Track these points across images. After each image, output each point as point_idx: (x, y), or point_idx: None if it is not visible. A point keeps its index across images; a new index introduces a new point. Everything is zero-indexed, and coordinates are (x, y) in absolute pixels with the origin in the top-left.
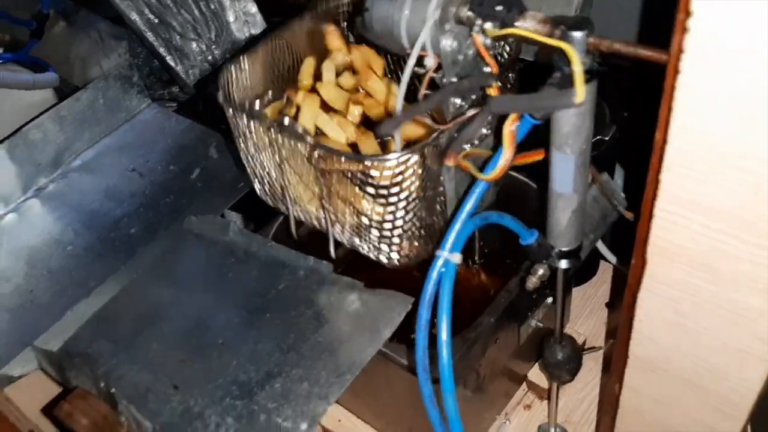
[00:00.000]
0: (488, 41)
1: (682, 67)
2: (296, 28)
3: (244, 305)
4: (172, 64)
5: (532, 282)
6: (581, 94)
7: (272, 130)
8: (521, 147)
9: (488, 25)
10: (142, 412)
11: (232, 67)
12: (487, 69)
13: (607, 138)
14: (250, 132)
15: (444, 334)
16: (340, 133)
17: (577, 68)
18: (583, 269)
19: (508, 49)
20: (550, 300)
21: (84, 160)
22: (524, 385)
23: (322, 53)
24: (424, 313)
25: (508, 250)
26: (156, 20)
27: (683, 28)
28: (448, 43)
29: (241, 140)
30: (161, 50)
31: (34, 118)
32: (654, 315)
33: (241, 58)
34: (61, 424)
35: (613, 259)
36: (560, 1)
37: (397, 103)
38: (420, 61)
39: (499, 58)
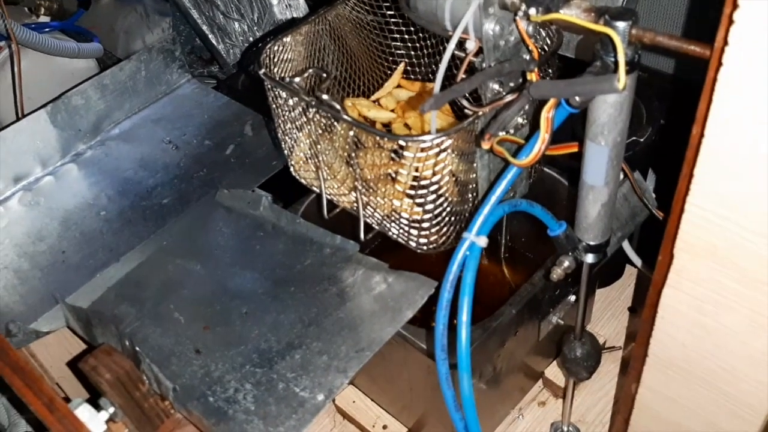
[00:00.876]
0: (531, 28)
1: (725, 59)
2: (340, 11)
3: (270, 277)
4: (214, 42)
5: (557, 273)
6: (624, 80)
7: (310, 106)
8: (554, 140)
9: (532, 11)
10: (164, 372)
11: (276, 43)
12: (527, 56)
13: (642, 139)
14: (288, 107)
15: (464, 315)
16: (381, 112)
17: (621, 54)
18: (609, 271)
19: (548, 41)
20: (572, 298)
21: (122, 130)
22: (540, 382)
23: (363, 37)
24: (446, 294)
25: (534, 247)
26: None
27: (729, 20)
28: (490, 27)
29: (278, 116)
30: (204, 28)
31: (77, 85)
32: (677, 313)
33: (285, 35)
34: (85, 378)
35: (638, 262)
36: None
37: (436, 83)
38: (461, 44)
39: (539, 50)
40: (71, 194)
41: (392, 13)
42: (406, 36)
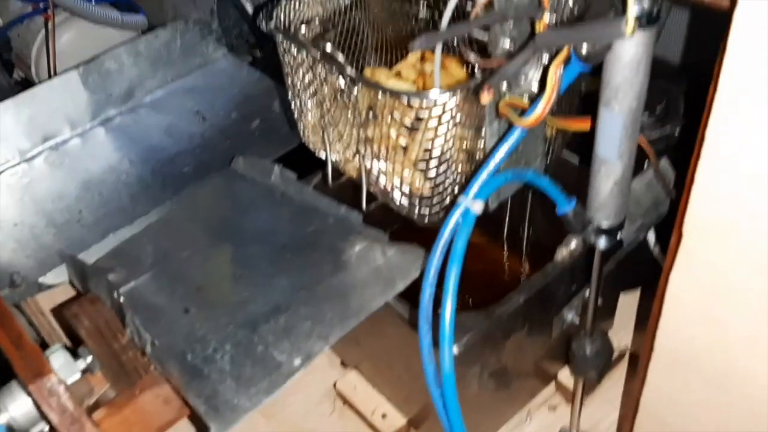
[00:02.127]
0: None
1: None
2: None
3: (270, 243)
4: (263, 26)
5: (562, 254)
6: (633, 23)
7: (315, 59)
8: None
9: None
10: (150, 329)
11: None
12: None
13: (675, 133)
14: (297, 64)
15: (451, 284)
16: (400, 82)
17: None
18: (637, 271)
19: (571, 3)
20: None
21: (153, 99)
22: (553, 385)
23: (388, 4)
24: (434, 260)
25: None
26: None
27: None
28: None
29: (288, 75)
30: (247, 6)
31: (110, 49)
32: (685, 301)
33: None
34: (69, 327)
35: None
36: None
37: (442, 22)
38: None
39: (563, 15)
40: (95, 157)
41: None
42: (433, 4)
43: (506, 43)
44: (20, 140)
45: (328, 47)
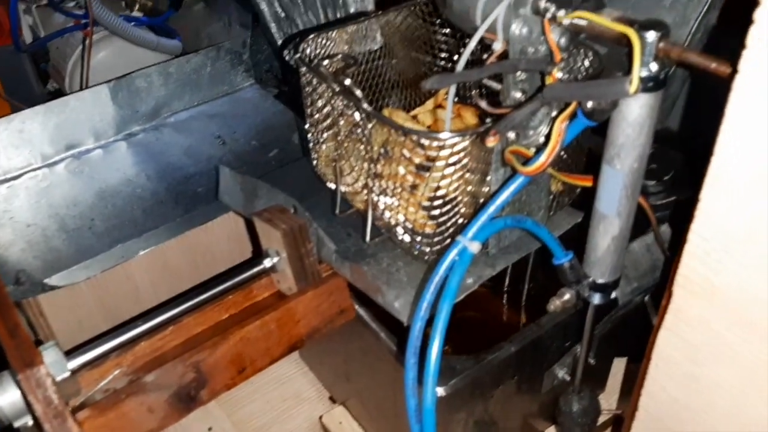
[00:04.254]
0: (562, 41)
1: (740, 66)
2: (391, 18)
3: None
4: (289, 57)
5: (555, 305)
6: (636, 83)
7: (334, 92)
8: None
9: (561, 12)
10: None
11: (320, 36)
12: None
13: (683, 198)
14: (316, 95)
15: (441, 322)
16: (416, 126)
17: (637, 54)
18: (634, 340)
19: (587, 64)
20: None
21: (177, 119)
22: None
23: (411, 50)
24: (427, 296)
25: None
26: (283, 14)
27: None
28: (518, 27)
29: (308, 106)
30: (280, 42)
31: (143, 69)
32: (670, 361)
33: (331, 30)
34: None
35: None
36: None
37: (457, 67)
38: (489, 47)
39: (578, 75)
40: (114, 169)
41: (445, 31)
42: (454, 56)
43: (517, 94)
44: (45, 146)
45: (347, 82)
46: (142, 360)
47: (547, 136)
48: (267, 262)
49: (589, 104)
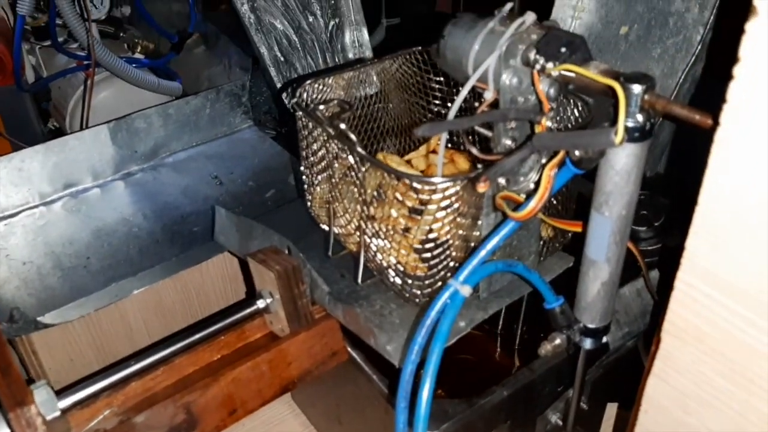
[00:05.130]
0: (551, 91)
1: (722, 119)
2: (387, 65)
3: None
4: (286, 101)
5: (546, 349)
6: (622, 134)
7: (329, 136)
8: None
9: (549, 64)
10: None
11: (316, 81)
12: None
13: (672, 246)
14: (312, 138)
15: (432, 365)
16: (410, 170)
17: (623, 106)
18: (627, 386)
19: (576, 114)
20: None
21: (175, 159)
22: None
23: (406, 96)
24: (419, 339)
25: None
26: (282, 59)
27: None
28: (508, 78)
29: (303, 149)
30: (279, 86)
31: (143, 110)
32: (660, 408)
33: (328, 76)
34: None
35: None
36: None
37: (449, 114)
38: (481, 96)
39: (568, 124)
40: (111, 208)
41: (438, 79)
42: (448, 102)
43: (507, 141)
44: (43, 184)
45: (342, 126)
46: (133, 400)
47: (537, 183)
48: (260, 303)
49: (577, 153)
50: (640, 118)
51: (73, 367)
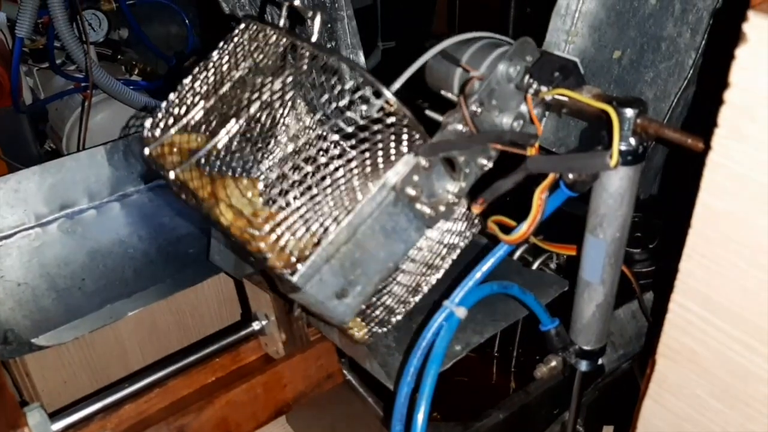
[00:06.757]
0: (540, 110)
1: (713, 143)
2: None
3: None
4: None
5: (542, 371)
6: (616, 157)
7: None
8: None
9: (543, 89)
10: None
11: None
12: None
13: (667, 267)
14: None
15: (428, 387)
16: None
17: (616, 130)
18: (623, 407)
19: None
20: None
21: None
22: None
23: None
24: (414, 361)
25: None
26: None
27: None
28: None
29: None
30: None
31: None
32: (655, 429)
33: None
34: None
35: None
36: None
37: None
38: None
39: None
40: (107, 229)
41: None
42: None
43: (483, 161)
44: (39, 205)
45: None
46: (127, 423)
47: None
48: (255, 325)
49: (571, 176)
50: (632, 141)
51: (67, 389)
